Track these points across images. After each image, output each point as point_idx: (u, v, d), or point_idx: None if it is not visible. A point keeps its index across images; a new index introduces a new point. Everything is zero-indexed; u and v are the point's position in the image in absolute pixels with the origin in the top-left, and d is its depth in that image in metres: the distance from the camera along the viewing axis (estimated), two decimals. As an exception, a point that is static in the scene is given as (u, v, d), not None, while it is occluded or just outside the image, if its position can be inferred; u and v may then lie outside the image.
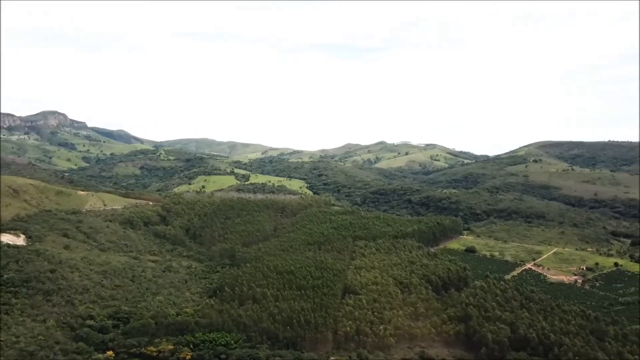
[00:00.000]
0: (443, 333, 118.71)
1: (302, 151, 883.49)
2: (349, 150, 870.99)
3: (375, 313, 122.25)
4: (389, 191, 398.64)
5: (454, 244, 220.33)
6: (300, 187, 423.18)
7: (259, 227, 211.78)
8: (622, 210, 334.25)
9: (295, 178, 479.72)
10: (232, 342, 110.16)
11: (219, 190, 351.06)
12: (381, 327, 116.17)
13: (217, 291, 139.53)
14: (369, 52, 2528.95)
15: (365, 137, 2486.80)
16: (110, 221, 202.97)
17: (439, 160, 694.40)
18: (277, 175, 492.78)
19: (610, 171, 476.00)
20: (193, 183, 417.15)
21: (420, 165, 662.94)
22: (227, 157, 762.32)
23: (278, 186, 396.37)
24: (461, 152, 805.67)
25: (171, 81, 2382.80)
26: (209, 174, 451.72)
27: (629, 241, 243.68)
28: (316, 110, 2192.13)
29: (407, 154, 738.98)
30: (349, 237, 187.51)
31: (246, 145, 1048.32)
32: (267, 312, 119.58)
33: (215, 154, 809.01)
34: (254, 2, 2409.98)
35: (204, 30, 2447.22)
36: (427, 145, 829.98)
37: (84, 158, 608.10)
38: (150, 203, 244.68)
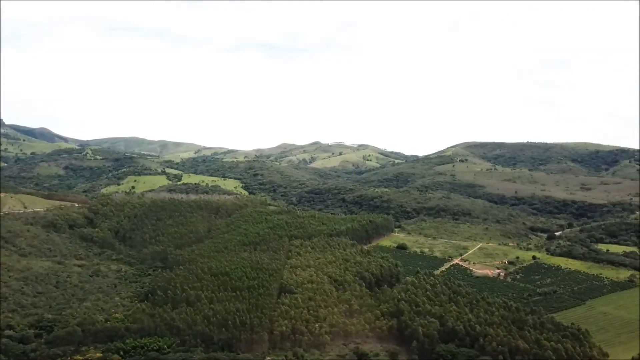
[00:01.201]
0: (377, 329, 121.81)
1: (236, 150, 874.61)
2: (285, 150, 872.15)
3: (311, 311, 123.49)
4: (324, 190, 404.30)
5: (386, 241, 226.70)
6: (235, 187, 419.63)
7: (193, 229, 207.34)
8: (539, 207, 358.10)
9: (230, 178, 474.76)
10: (165, 346, 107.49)
11: (150, 191, 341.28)
12: (316, 325, 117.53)
13: (149, 295, 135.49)
14: (304, 52, 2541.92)
15: (301, 137, 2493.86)
16: (32, 224, 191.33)
17: (371, 160, 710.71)
18: (211, 175, 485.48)
19: (529, 170, 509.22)
20: (122, 183, 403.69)
21: (353, 165, 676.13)
22: (158, 156, 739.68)
23: (212, 186, 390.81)
24: (392, 152, 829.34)
25: (98, 78, 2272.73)
26: (139, 174, 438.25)
27: (545, 235, 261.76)
28: (251, 109, 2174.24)
29: (341, 154, 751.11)
30: (285, 237, 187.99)
31: (178, 145, 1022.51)
32: (201, 315, 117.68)
33: (145, 153, 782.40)
34: (189, 1, 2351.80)
35: (133, 26, 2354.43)
36: (360, 145, 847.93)
37: (1, 157, 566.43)
38: (76, 205, 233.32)
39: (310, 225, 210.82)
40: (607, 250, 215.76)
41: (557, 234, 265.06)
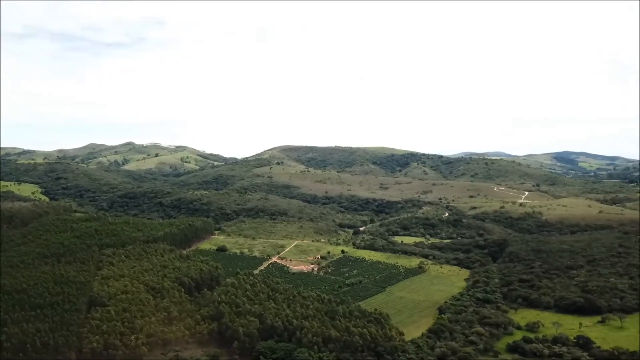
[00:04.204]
0: (197, 334, 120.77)
1: (34, 151, 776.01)
2: (93, 151, 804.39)
3: (126, 323, 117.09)
4: (139, 194, 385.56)
5: (206, 245, 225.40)
6: (34, 193, 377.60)
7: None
8: (346, 205, 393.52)
9: (27, 182, 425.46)
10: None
11: None
12: (132, 337, 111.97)
13: None
14: (110, 47, 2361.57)
15: (112, 138, 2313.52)
16: None
17: (189, 163, 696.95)
18: (2, 180, 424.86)
19: (337, 172, 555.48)
20: None
21: (171, 167, 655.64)
22: None
23: (3, 192, 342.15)
24: (211, 154, 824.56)
25: None
26: None
27: (352, 231, 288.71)
28: (53, 104, 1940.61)
29: (157, 155, 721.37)
30: (95, 246, 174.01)
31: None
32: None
33: None
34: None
35: None
36: (178, 147, 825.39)
37: None
38: None
39: (124, 232, 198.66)
40: (402, 241, 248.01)
41: (362, 229, 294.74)
